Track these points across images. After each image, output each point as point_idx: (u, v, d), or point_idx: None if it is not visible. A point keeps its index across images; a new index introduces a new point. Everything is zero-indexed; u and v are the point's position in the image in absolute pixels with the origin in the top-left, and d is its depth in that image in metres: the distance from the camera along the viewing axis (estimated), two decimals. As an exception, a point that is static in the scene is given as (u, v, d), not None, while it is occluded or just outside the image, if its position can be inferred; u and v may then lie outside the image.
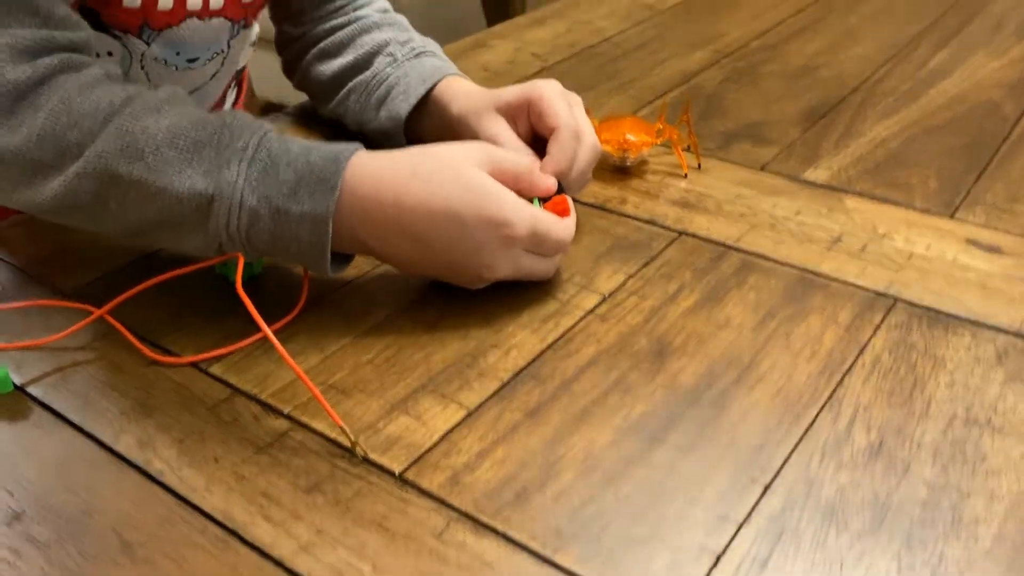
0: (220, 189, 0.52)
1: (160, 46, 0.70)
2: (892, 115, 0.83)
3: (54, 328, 0.55)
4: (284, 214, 0.52)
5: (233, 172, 0.52)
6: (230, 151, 0.52)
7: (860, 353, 0.53)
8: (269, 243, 0.53)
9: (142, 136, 0.52)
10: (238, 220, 0.52)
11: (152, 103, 0.55)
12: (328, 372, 0.52)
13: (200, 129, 0.53)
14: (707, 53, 0.98)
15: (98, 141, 0.53)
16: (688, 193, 0.70)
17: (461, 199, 0.53)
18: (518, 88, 0.66)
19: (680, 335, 0.54)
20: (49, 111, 0.53)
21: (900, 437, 0.47)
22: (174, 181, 0.52)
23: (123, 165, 0.52)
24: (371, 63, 0.76)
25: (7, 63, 0.54)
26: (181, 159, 0.52)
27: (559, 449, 0.46)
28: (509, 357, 0.53)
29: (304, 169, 0.52)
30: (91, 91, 0.54)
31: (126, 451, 0.47)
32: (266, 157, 0.53)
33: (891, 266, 0.61)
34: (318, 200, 0.52)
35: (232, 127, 0.54)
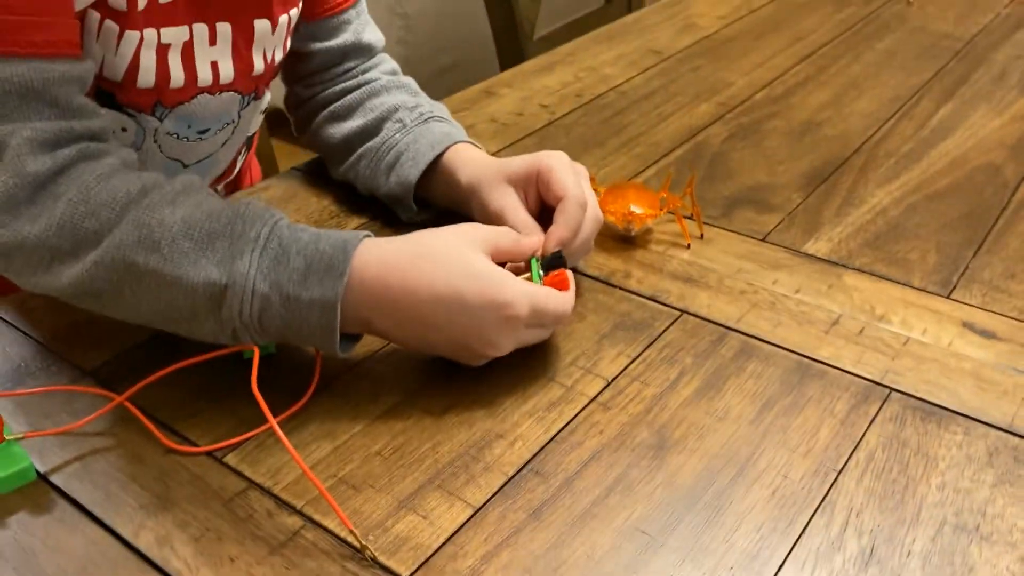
0: (233, 279, 0.54)
1: (172, 121, 0.72)
2: (893, 180, 0.84)
3: (75, 412, 0.57)
4: (294, 300, 0.54)
5: (245, 262, 0.54)
6: (243, 241, 0.55)
7: (854, 449, 0.54)
8: (281, 327, 0.56)
9: (158, 228, 0.55)
10: (250, 307, 0.55)
11: (168, 195, 0.57)
12: (339, 464, 0.54)
13: (214, 220, 0.55)
14: (712, 106, 0.99)
15: (115, 231, 0.55)
16: (691, 266, 0.72)
17: (464, 283, 0.55)
18: (527, 159, 0.68)
19: (680, 427, 0.56)
20: (68, 201, 0.56)
21: (891, 544, 0.48)
22: (189, 272, 0.54)
23: (140, 255, 0.54)
24: (380, 128, 0.78)
25: (28, 156, 0.56)
26: (196, 250, 0.54)
27: (562, 553, 0.48)
28: (514, 449, 0.55)
29: (313, 256, 0.55)
30: (108, 181, 0.57)
31: (146, 548, 0.48)
32: (277, 246, 0.55)
33: (888, 352, 0.62)
34: (327, 286, 0.54)
35: (245, 217, 0.56)
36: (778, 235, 0.76)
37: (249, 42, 0.73)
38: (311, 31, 0.80)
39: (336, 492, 0.52)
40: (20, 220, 0.56)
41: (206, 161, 0.79)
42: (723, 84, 1.05)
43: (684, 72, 1.09)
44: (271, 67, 0.77)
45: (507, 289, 0.56)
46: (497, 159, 0.71)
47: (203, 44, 0.69)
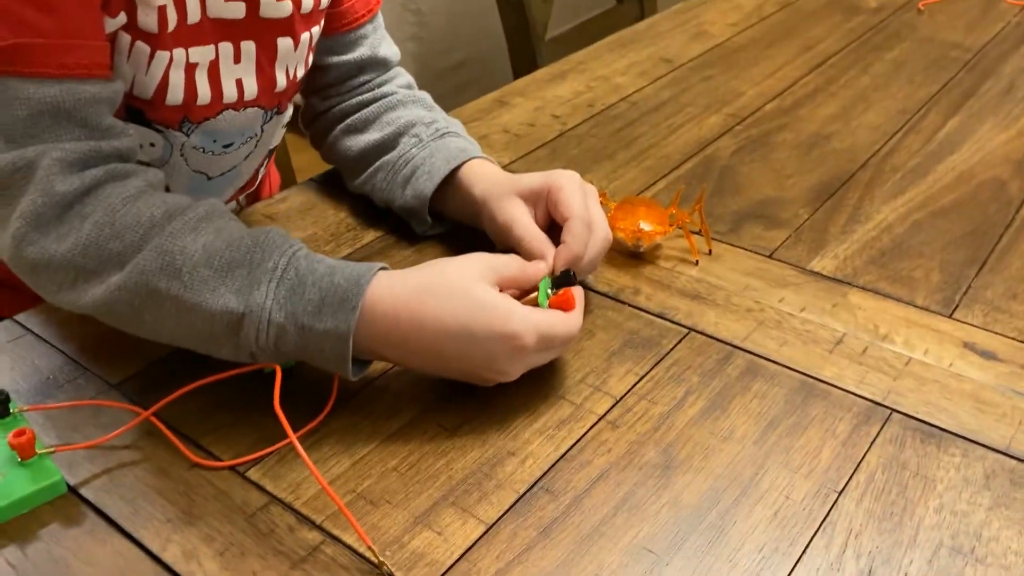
0: (250, 308, 0.56)
1: (198, 136, 0.74)
2: (899, 195, 0.86)
3: (102, 426, 0.59)
4: (308, 330, 0.57)
5: (263, 293, 0.56)
6: (260, 271, 0.57)
7: (855, 471, 0.56)
8: (295, 352, 0.58)
9: (180, 255, 0.57)
10: (266, 335, 0.57)
11: (191, 222, 0.59)
12: (358, 479, 0.56)
13: (234, 249, 0.58)
14: (722, 118, 1.01)
15: (139, 257, 0.57)
16: (699, 283, 0.73)
17: (471, 316, 0.57)
18: (539, 176, 0.70)
19: (686, 446, 0.58)
20: (95, 223, 0.58)
21: (889, 566, 0.50)
22: (208, 299, 0.56)
23: (162, 281, 0.57)
24: (397, 143, 0.80)
25: (57, 175, 0.58)
26: (215, 278, 0.57)
27: (571, 572, 0.50)
28: (525, 467, 0.57)
29: (328, 289, 0.57)
30: (134, 204, 0.59)
31: (173, 562, 0.51)
32: (294, 276, 0.57)
33: (890, 372, 0.64)
34: (340, 319, 0.56)
35: (264, 246, 0.58)
36: (785, 251, 0.77)
37: (272, 60, 0.75)
38: (328, 45, 0.82)
39: (354, 507, 0.54)
40: (48, 238, 0.58)
41: (230, 173, 0.82)
42: (733, 94, 1.06)
43: (695, 82, 1.10)
44: (293, 83, 0.79)
45: (514, 320, 0.57)
46: (511, 174, 0.73)
47: (228, 62, 0.71)
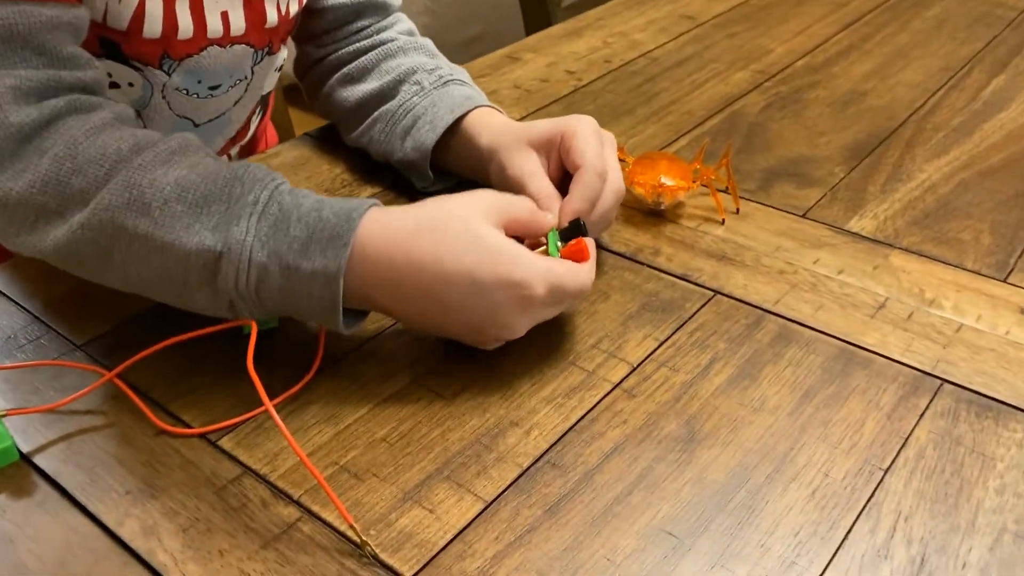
0: (228, 246, 0.50)
1: (181, 76, 0.68)
2: (942, 154, 0.79)
3: (63, 389, 0.54)
4: (294, 271, 0.50)
5: (242, 228, 0.50)
6: (240, 205, 0.51)
7: (903, 446, 0.50)
8: (280, 300, 0.52)
9: (149, 189, 0.51)
10: (247, 277, 0.50)
11: (162, 154, 0.53)
12: (341, 450, 0.50)
13: (210, 182, 0.51)
14: (749, 74, 0.94)
15: (104, 192, 0.51)
16: (725, 243, 0.67)
17: (474, 260, 0.50)
18: (551, 122, 0.64)
19: (711, 418, 0.51)
20: (54, 156, 0.52)
21: (944, 554, 0.44)
22: (182, 237, 0.50)
23: (129, 218, 0.51)
24: (397, 91, 0.73)
25: (11, 105, 0.52)
26: (189, 214, 0.50)
27: (580, 556, 0.44)
28: (530, 438, 0.50)
29: (316, 225, 0.50)
30: (98, 136, 0.53)
31: (130, 539, 0.45)
32: (277, 211, 0.51)
33: (939, 340, 0.57)
34: (329, 257, 0.50)
35: (243, 180, 0.52)
36: (820, 211, 0.71)
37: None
38: None
39: (337, 481, 0.48)
40: (3, 176, 0.52)
41: (218, 120, 0.75)
42: (761, 51, 0.99)
43: (719, 39, 1.03)
44: (285, 20, 0.72)
45: (522, 267, 0.51)
46: (521, 123, 0.67)
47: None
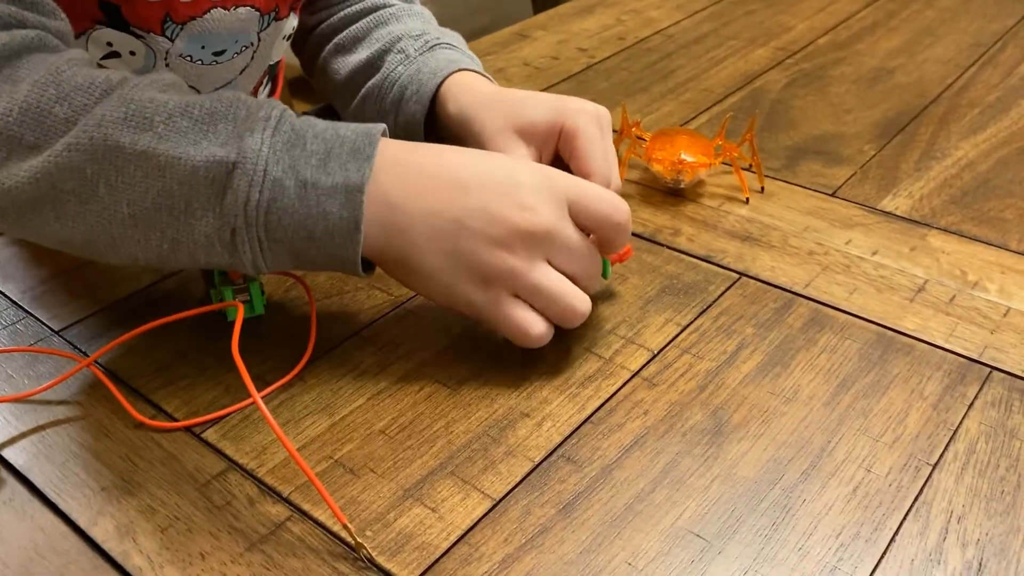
0: (244, 156, 0.44)
1: (184, 41, 0.63)
2: (979, 131, 0.74)
3: (37, 377, 0.50)
4: (312, 187, 0.45)
5: (257, 140, 0.45)
6: (252, 120, 0.46)
7: (951, 439, 0.45)
8: (290, 226, 0.46)
9: (150, 105, 0.45)
10: (259, 194, 0.45)
11: (158, 83, 0.47)
12: (336, 442, 0.46)
13: (215, 101, 0.46)
14: (770, 51, 0.89)
15: (97, 109, 0.45)
16: (750, 223, 0.62)
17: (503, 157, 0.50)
18: (547, 111, 0.57)
19: (740, 409, 0.47)
20: (33, 83, 0.45)
21: (1003, 558, 0.39)
22: (189, 151, 0.44)
23: (127, 134, 0.44)
24: (383, 62, 0.68)
25: None
26: (196, 129, 0.45)
27: (598, 559, 0.39)
28: (542, 430, 0.46)
29: (334, 141, 0.46)
30: (82, 68, 0.47)
31: (103, 539, 0.41)
32: (290, 129, 0.46)
33: (986, 324, 0.53)
34: (351, 171, 0.45)
35: (249, 102, 0.47)
36: (850, 190, 0.66)
37: None
38: None
39: (331, 477, 0.44)
40: None
41: (224, 89, 0.71)
42: (781, 28, 0.95)
43: (737, 15, 0.98)
44: None
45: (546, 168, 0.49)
46: (505, 97, 0.60)
47: None
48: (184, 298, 0.56)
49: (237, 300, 0.52)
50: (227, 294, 0.52)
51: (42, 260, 0.60)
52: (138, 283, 0.57)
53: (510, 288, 0.47)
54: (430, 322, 0.54)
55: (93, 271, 0.59)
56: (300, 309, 0.55)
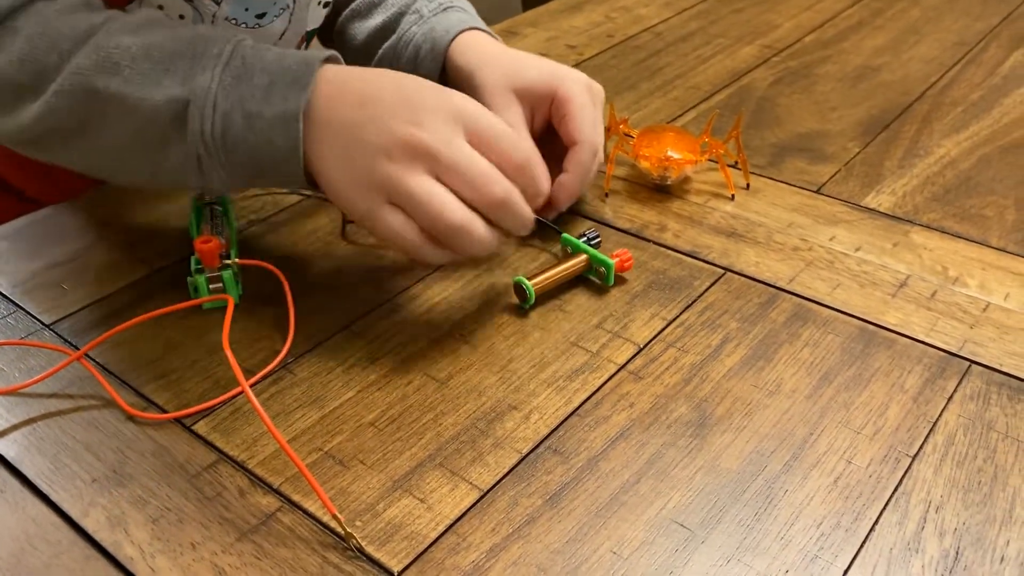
0: (194, 93, 0.49)
1: (230, 5, 0.65)
2: (961, 130, 0.75)
3: (28, 370, 0.50)
4: (256, 118, 0.49)
5: (207, 77, 0.50)
6: (205, 58, 0.50)
7: (931, 432, 0.46)
8: (244, 152, 0.50)
9: (116, 51, 0.50)
10: (212, 125, 0.49)
11: (130, 24, 0.52)
12: (326, 435, 0.46)
13: (175, 41, 0.51)
14: (756, 49, 0.90)
15: (74, 58, 0.50)
16: (735, 220, 0.63)
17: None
18: (542, 73, 0.61)
19: (724, 402, 0.48)
20: (27, 36, 0.51)
21: (980, 547, 0.40)
22: (152, 92, 0.50)
23: (100, 80, 0.50)
24: (398, 24, 0.70)
25: None
26: (157, 70, 0.50)
27: (583, 549, 0.40)
28: (529, 423, 0.47)
29: (277, 72, 0.50)
30: (70, 15, 0.52)
31: (94, 530, 0.41)
32: (240, 64, 0.50)
33: (965, 319, 0.54)
34: (290, 100, 0.49)
35: (207, 37, 0.51)
36: (834, 187, 0.67)
37: None
38: None
39: (321, 468, 0.44)
40: None
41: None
42: (768, 26, 0.96)
43: (725, 13, 0.99)
44: None
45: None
46: (508, 57, 0.63)
47: None
48: (174, 292, 0.56)
49: (211, 289, 0.53)
50: (201, 283, 0.53)
51: (33, 254, 0.60)
52: (129, 277, 0.58)
53: (387, 195, 0.49)
54: (419, 316, 0.54)
55: (84, 265, 0.59)
56: (287, 302, 0.55)
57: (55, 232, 0.63)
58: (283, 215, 0.63)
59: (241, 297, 0.55)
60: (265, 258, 0.57)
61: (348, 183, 0.49)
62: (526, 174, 0.51)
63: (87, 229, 0.63)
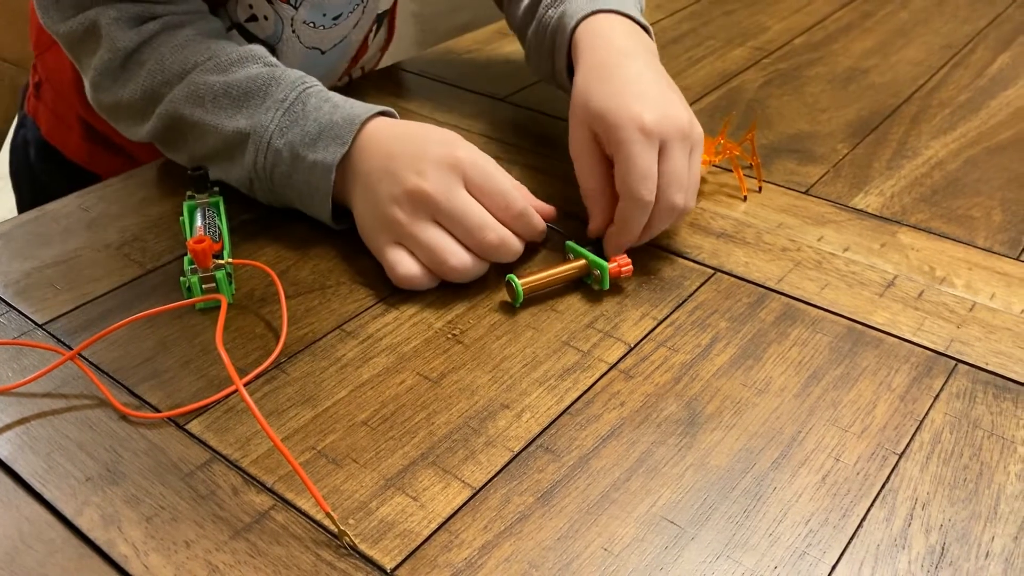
0: (254, 129, 0.60)
1: (307, 9, 0.73)
2: (949, 131, 0.76)
3: (21, 370, 0.50)
4: (301, 160, 0.58)
5: (268, 118, 0.60)
6: (269, 101, 0.60)
7: (917, 430, 0.47)
8: (287, 185, 0.60)
9: (203, 86, 0.62)
10: (264, 159, 0.60)
11: (223, 63, 0.62)
12: (319, 433, 0.47)
13: (252, 82, 0.61)
14: (747, 51, 0.91)
15: (174, 90, 0.62)
16: (725, 220, 0.64)
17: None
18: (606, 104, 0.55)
19: (713, 400, 0.48)
20: (148, 71, 0.63)
21: (965, 543, 0.41)
22: (224, 122, 0.61)
23: (187, 109, 0.62)
24: (537, 8, 0.70)
25: (118, 32, 0.62)
26: (232, 106, 0.61)
27: (575, 545, 0.41)
28: (521, 421, 0.47)
29: (327, 124, 0.58)
30: (181, 51, 0.62)
31: (88, 528, 0.41)
32: (300, 110, 0.59)
33: (952, 319, 0.54)
34: (330, 152, 0.57)
35: (281, 81, 0.61)
36: (823, 188, 0.68)
37: None
38: None
39: (314, 467, 0.45)
40: (116, 84, 0.64)
41: (340, 44, 0.78)
42: (758, 28, 0.96)
43: (716, 16, 1.00)
44: None
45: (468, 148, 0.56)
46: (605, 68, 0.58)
47: None
48: (167, 291, 0.56)
49: (205, 289, 0.54)
50: (194, 283, 0.53)
51: (26, 254, 0.60)
52: (122, 277, 0.58)
53: (396, 237, 0.56)
54: (412, 316, 0.54)
55: (77, 265, 0.59)
56: (280, 303, 0.55)
57: (48, 232, 0.63)
58: (276, 215, 0.64)
59: (234, 297, 0.56)
60: (258, 258, 0.58)
61: (369, 224, 0.57)
62: (521, 222, 0.56)
63: (80, 229, 0.63)
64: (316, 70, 0.77)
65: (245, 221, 0.64)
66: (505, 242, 0.55)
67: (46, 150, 0.84)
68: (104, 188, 0.68)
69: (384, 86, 0.84)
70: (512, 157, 0.71)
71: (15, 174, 0.89)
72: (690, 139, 0.55)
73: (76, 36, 0.64)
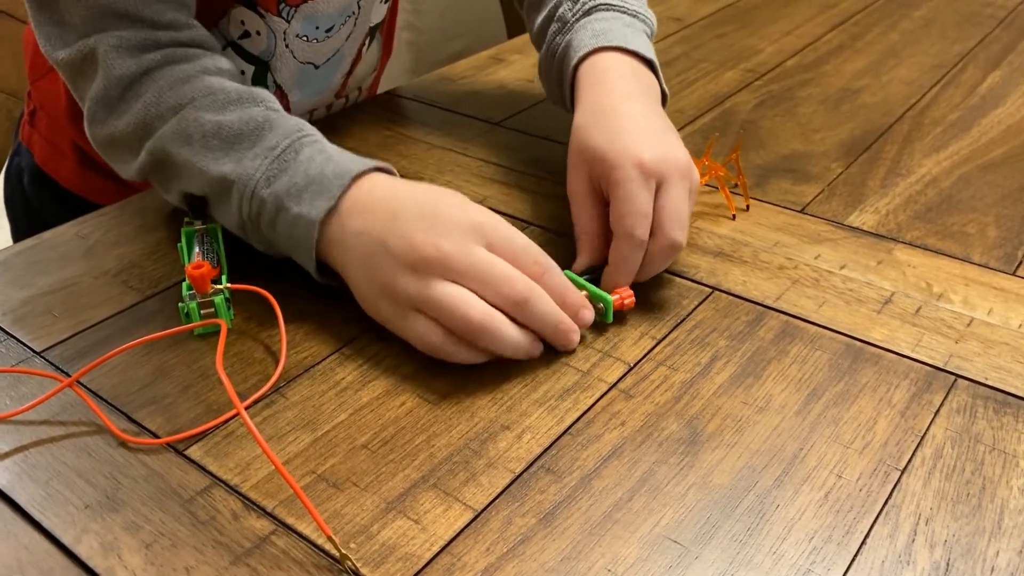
0: (240, 178, 0.56)
1: (300, 23, 0.72)
2: (942, 149, 0.76)
3: (19, 398, 0.50)
4: (286, 211, 0.55)
5: (254, 166, 0.56)
6: (260, 147, 0.56)
7: (919, 445, 0.47)
8: (272, 234, 0.56)
9: (194, 125, 0.58)
10: (249, 206, 0.56)
11: (218, 102, 0.58)
12: (319, 458, 0.46)
13: (245, 125, 0.57)
14: (739, 73, 0.91)
15: (165, 126, 0.59)
16: (722, 240, 0.64)
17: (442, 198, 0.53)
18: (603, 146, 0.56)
19: (714, 419, 0.48)
20: (144, 103, 0.59)
21: (970, 558, 0.41)
22: (210, 165, 0.57)
23: (175, 147, 0.58)
24: (546, 33, 0.70)
25: (115, 60, 0.59)
26: (220, 148, 0.57)
27: (578, 567, 0.40)
28: (522, 442, 0.47)
29: (315, 177, 0.54)
30: (181, 87, 0.59)
31: (87, 556, 0.41)
32: (292, 159, 0.56)
33: (950, 334, 0.54)
34: (315, 206, 0.53)
35: (275, 126, 0.57)
36: (818, 206, 0.68)
37: None
38: None
39: (315, 491, 0.44)
40: (112, 116, 0.61)
41: (334, 58, 0.78)
42: (750, 51, 0.97)
43: (707, 39, 1.01)
44: None
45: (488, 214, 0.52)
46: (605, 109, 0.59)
47: None
48: (165, 317, 0.56)
49: (203, 314, 0.54)
50: (193, 308, 0.53)
51: (24, 282, 0.60)
52: (120, 304, 0.58)
53: (411, 304, 0.50)
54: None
55: (75, 292, 0.59)
56: (274, 327, 0.55)
57: (45, 260, 0.63)
58: (273, 241, 0.64)
59: (232, 321, 0.56)
60: (256, 283, 0.58)
61: (372, 290, 0.52)
62: (546, 281, 0.51)
63: (77, 256, 0.63)
64: (311, 85, 0.78)
65: (243, 246, 0.64)
66: (534, 294, 0.50)
67: (40, 178, 0.84)
68: (101, 215, 0.68)
69: (380, 112, 0.85)
70: (509, 180, 0.72)
71: (10, 202, 0.89)
72: (688, 179, 0.56)
73: (75, 64, 0.60)
